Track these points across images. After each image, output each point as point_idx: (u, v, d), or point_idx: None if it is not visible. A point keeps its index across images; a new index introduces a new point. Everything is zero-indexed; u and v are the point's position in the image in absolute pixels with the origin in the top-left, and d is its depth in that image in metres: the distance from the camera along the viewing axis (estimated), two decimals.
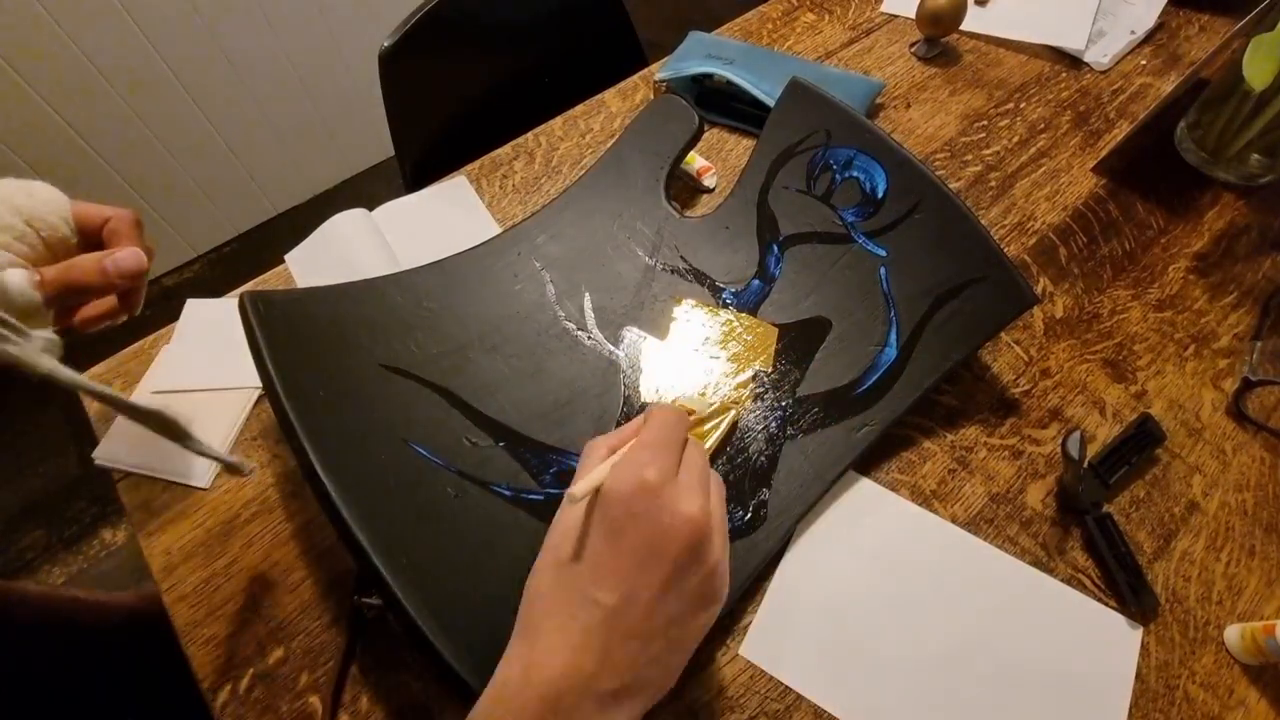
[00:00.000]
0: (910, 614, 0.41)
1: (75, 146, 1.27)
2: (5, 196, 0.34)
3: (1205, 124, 0.61)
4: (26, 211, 0.35)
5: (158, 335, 0.53)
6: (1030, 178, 0.62)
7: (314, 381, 0.40)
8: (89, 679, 0.55)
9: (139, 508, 0.45)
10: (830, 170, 0.52)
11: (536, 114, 0.67)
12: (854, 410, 0.45)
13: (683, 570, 0.28)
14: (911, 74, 0.70)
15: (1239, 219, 0.59)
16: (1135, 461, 0.46)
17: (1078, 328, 0.53)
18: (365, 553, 0.35)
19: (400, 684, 0.39)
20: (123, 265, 0.36)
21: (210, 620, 0.41)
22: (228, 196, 1.54)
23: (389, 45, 0.73)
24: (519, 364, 0.45)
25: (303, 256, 0.55)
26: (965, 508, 0.45)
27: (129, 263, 0.37)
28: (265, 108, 1.45)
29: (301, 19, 1.38)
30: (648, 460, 0.29)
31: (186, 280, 1.56)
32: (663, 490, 0.28)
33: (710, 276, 0.50)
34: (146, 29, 1.22)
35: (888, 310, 0.48)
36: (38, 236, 0.35)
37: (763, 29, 0.75)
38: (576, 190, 0.53)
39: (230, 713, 0.39)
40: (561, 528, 0.30)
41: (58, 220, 0.36)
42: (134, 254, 0.37)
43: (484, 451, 0.42)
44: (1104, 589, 0.42)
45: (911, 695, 0.39)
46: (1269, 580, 0.43)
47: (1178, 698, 0.39)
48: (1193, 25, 0.74)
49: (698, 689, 0.39)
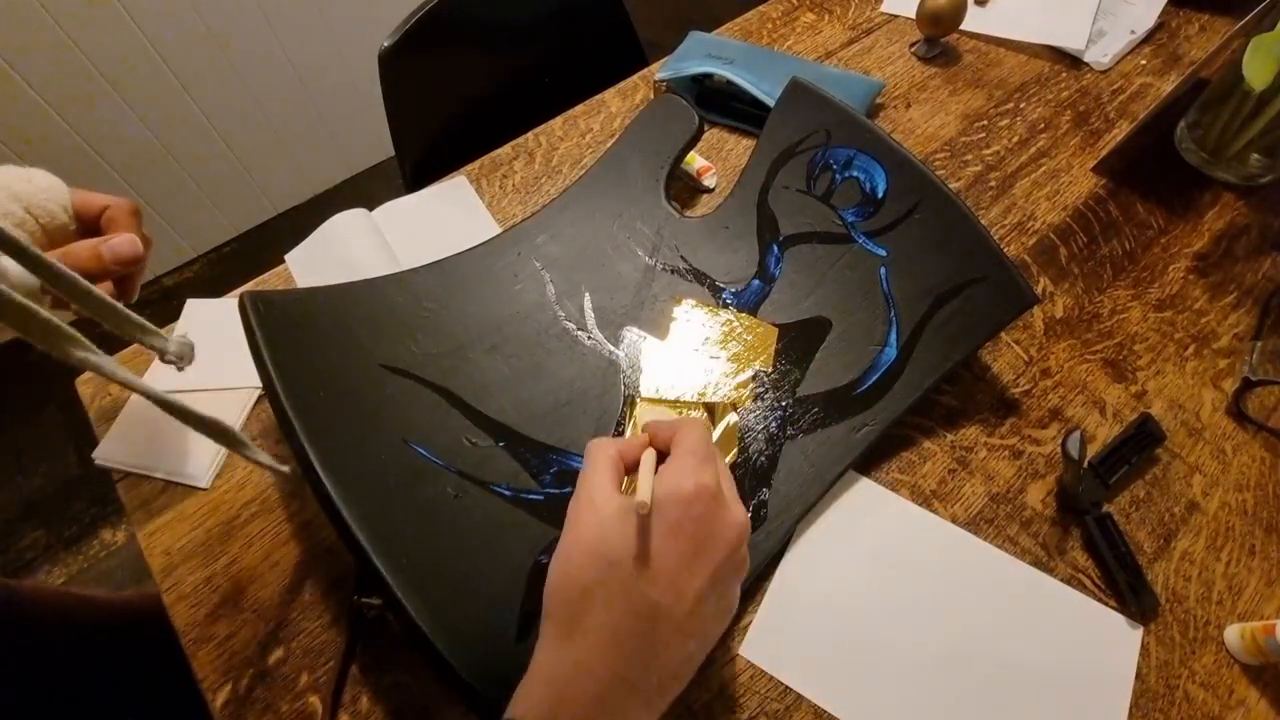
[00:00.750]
0: (910, 614, 0.41)
1: (75, 146, 1.27)
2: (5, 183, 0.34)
3: (1205, 124, 0.61)
4: (26, 198, 0.35)
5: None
6: (1030, 178, 0.62)
7: (314, 381, 0.40)
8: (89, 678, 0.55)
9: (139, 508, 0.45)
10: (830, 170, 0.52)
11: (536, 114, 0.67)
12: (854, 410, 0.45)
13: (726, 571, 0.30)
14: (911, 74, 0.70)
15: (1239, 219, 0.59)
16: (1135, 461, 0.46)
17: (1078, 328, 0.53)
18: (365, 553, 0.35)
19: (400, 684, 0.39)
20: (119, 251, 0.36)
21: (210, 620, 0.41)
22: (228, 196, 1.54)
23: (389, 45, 0.73)
24: (519, 364, 0.45)
25: (303, 256, 0.55)
26: (965, 508, 0.45)
27: (125, 249, 0.37)
28: (265, 108, 1.45)
29: (301, 19, 1.38)
30: (699, 467, 0.30)
31: (186, 280, 1.56)
32: (720, 494, 0.30)
33: (710, 276, 0.50)
34: (146, 29, 1.21)
35: (888, 310, 0.48)
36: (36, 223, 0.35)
37: (763, 29, 0.75)
38: (576, 190, 0.53)
39: (230, 713, 0.39)
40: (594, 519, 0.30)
41: (57, 207, 0.36)
42: (130, 240, 0.37)
43: (484, 451, 0.42)
44: (1104, 589, 0.42)
45: (911, 695, 0.39)
46: (1269, 580, 0.43)
47: (1178, 697, 0.39)
48: (1193, 25, 0.74)
49: (698, 689, 0.39)
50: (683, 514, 0.29)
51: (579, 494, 0.32)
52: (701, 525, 0.29)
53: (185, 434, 0.47)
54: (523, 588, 0.38)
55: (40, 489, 1.30)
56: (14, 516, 1.27)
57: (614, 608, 0.28)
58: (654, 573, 0.29)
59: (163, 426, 0.48)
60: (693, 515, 0.29)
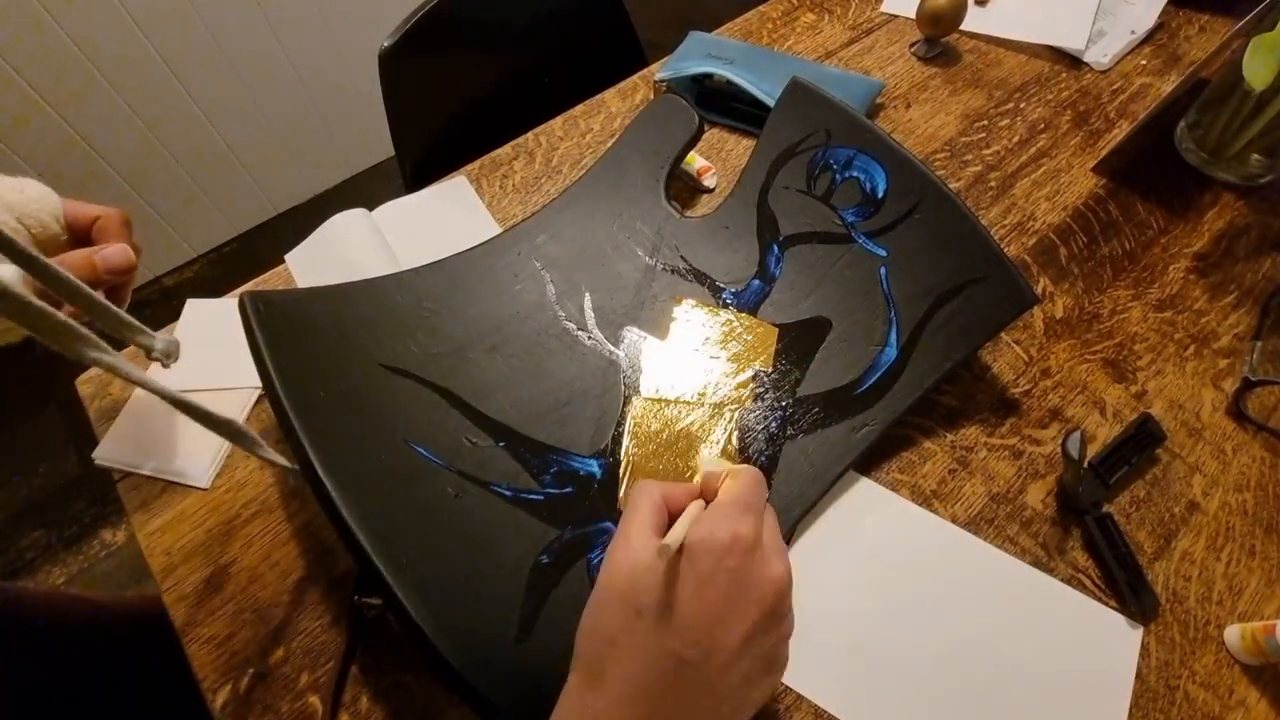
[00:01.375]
0: (910, 614, 0.41)
1: (75, 146, 1.27)
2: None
3: (1205, 124, 0.61)
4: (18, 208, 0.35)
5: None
6: (1030, 178, 0.62)
7: (314, 381, 0.40)
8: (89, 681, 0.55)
9: (139, 508, 0.45)
10: (830, 170, 0.52)
11: (536, 114, 0.67)
12: (854, 410, 0.45)
13: (763, 630, 0.28)
14: (911, 74, 0.70)
15: (1239, 219, 0.59)
16: (1135, 461, 0.46)
17: (1078, 328, 0.53)
18: (365, 553, 0.35)
19: (400, 684, 0.39)
20: (111, 261, 0.37)
21: (210, 620, 0.41)
22: (228, 196, 1.54)
23: (389, 45, 0.73)
24: (519, 364, 0.45)
25: (303, 256, 0.55)
26: (965, 508, 0.45)
27: (118, 259, 0.37)
28: (265, 108, 1.45)
29: (301, 19, 1.38)
30: (738, 516, 0.29)
31: (186, 280, 1.57)
32: (756, 547, 0.28)
33: (710, 276, 0.50)
34: (146, 29, 1.22)
35: (888, 310, 0.48)
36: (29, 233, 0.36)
37: (763, 29, 0.75)
38: (576, 190, 0.53)
39: (230, 713, 0.39)
40: (629, 566, 0.29)
41: (49, 218, 0.37)
42: (122, 250, 0.37)
43: (484, 451, 0.42)
44: (1104, 589, 0.42)
45: (912, 695, 0.39)
46: (1269, 580, 0.43)
47: (1178, 698, 0.39)
48: (1193, 25, 0.74)
49: None
50: (715, 565, 0.27)
51: (617, 536, 0.30)
52: (736, 577, 0.27)
53: (185, 434, 0.48)
54: (523, 588, 0.38)
55: (40, 489, 1.30)
56: (14, 516, 1.27)
57: (637, 659, 0.27)
58: (680, 626, 0.27)
59: (163, 426, 0.48)
60: (726, 566, 0.27)
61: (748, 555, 0.28)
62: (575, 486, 0.41)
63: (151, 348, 0.34)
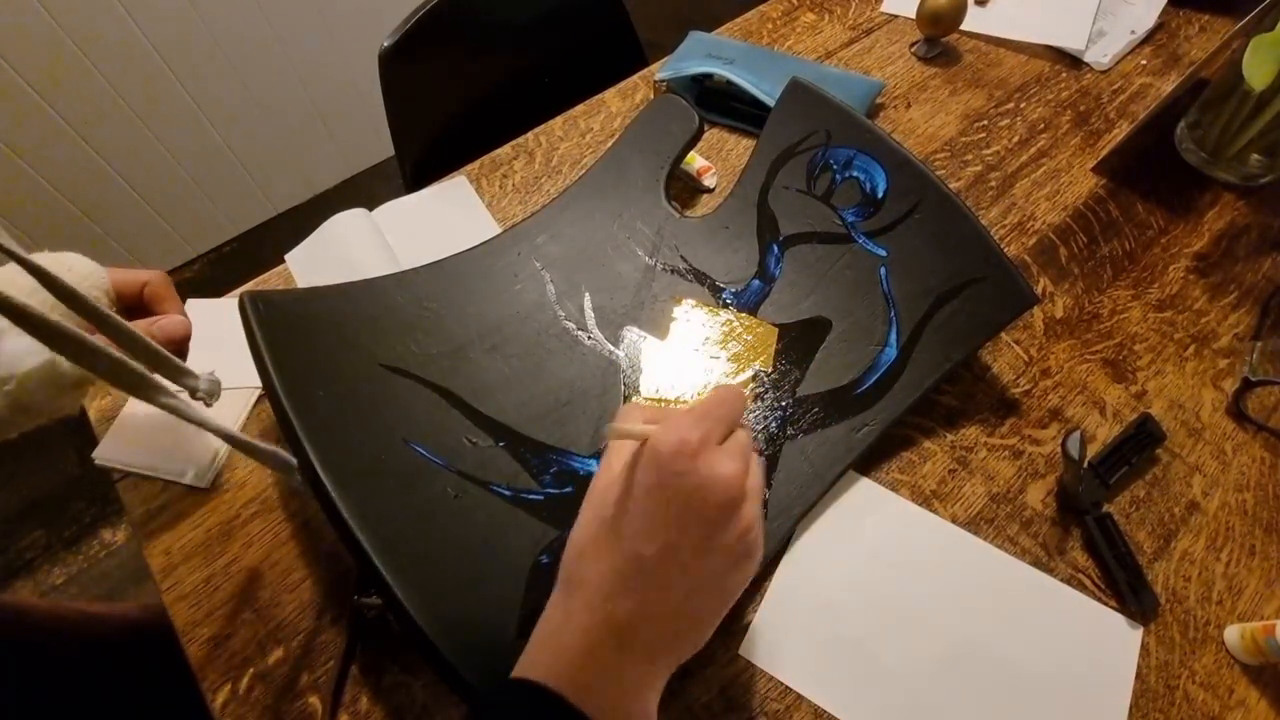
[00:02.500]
0: (910, 614, 0.41)
1: (75, 147, 1.27)
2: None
3: (1205, 124, 0.61)
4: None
5: None
6: (1030, 178, 0.62)
7: (314, 381, 0.40)
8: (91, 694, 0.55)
9: (139, 508, 0.45)
10: (830, 170, 0.52)
11: (536, 114, 0.67)
12: (854, 410, 0.45)
13: (718, 527, 0.29)
14: (911, 74, 0.70)
15: (1239, 219, 0.59)
16: (1135, 461, 0.46)
17: (1078, 328, 0.53)
18: (365, 553, 0.35)
19: (400, 684, 0.39)
20: (169, 331, 0.38)
21: (210, 620, 0.41)
22: (228, 196, 1.54)
23: (389, 45, 0.73)
24: (519, 364, 0.45)
25: (303, 256, 0.55)
26: (965, 508, 0.45)
27: (176, 330, 0.39)
28: (265, 108, 1.45)
29: (301, 19, 1.38)
30: (692, 424, 0.30)
31: (186, 280, 1.56)
32: (701, 452, 0.29)
33: (710, 276, 0.50)
34: (146, 29, 1.21)
35: (888, 310, 0.48)
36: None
37: (763, 29, 0.75)
38: (576, 190, 0.53)
39: (230, 712, 0.39)
40: (602, 485, 0.31)
41: (98, 293, 0.37)
42: (180, 322, 0.39)
43: (484, 451, 0.42)
44: (1104, 589, 0.42)
45: (911, 695, 0.39)
46: (1269, 580, 0.43)
47: (1178, 698, 0.39)
48: (1193, 25, 0.74)
49: (698, 689, 0.39)
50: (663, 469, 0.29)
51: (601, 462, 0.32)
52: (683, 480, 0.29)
53: (185, 434, 0.48)
54: (523, 588, 0.38)
55: (40, 489, 1.30)
56: (14, 516, 1.27)
57: (604, 561, 0.29)
58: (637, 529, 0.29)
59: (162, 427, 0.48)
60: (675, 470, 0.29)
61: (692, 459, 0.29)
62: (575, 486, 0.41)
63: (196, 389, 0.36)
